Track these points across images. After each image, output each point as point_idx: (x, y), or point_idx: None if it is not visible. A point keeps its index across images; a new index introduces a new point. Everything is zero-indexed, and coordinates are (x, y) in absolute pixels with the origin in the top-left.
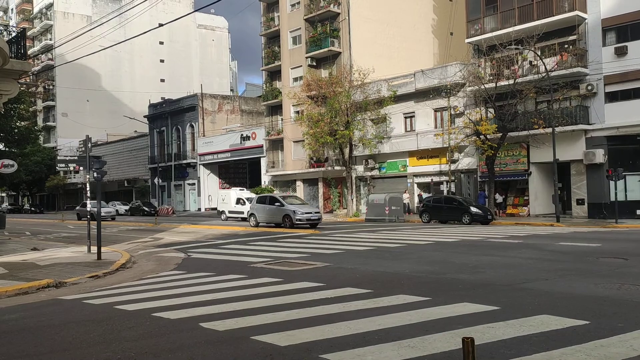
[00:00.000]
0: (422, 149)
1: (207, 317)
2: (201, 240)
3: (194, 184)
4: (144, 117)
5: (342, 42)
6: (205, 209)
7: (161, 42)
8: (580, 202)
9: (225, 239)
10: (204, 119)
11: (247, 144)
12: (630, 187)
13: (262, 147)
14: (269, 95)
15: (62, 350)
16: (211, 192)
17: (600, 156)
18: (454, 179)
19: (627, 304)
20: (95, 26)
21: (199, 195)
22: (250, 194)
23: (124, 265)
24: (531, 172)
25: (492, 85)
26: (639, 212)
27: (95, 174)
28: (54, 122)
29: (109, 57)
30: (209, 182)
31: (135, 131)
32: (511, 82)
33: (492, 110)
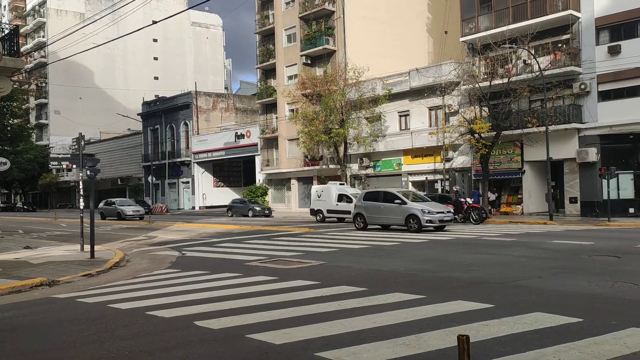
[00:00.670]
0: (416, 148)
1: (201, 316)
2: (195, 238)
3: (188, 182)
4: (138, 114)
5: (337, 40)
6: (199, 208)
7: (155, 40)
8: (573, 200)
9: (219, 237)
10: (198, 117)
11: (242, 142)
12: (622, 186)
13: (256, 145)
14: (263, 93)
15: (56, 348)
16: (205, 191)
17: (593, 155)
18: (448, 177)
19: (620, 302)
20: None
21: (193, 193)
22: (354, 189)
23: (117, 263)
24: (525, 171)
25: (487, 84)
26: (631, 210)
27: (88, 172)
28: (46, 119)
29: (102, 55)
30: (203, 180)
31: (128, 129)
32: (505, 80)
33: (486, 108)
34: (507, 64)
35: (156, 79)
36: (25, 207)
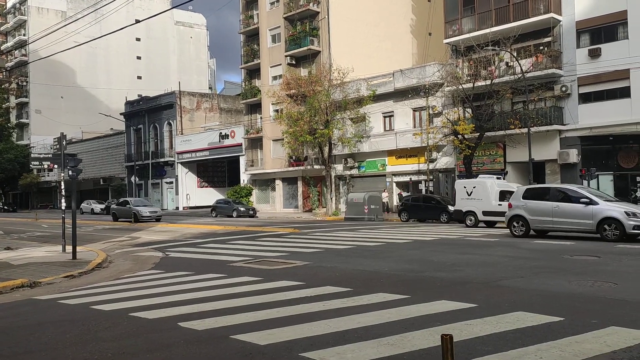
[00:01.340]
0: (401, 148)
1: (185, 317)
2: (179, 239)
3: (171, 183)
4: (121, 114)
5: (321, 41)
6: (183, 208)
7: (138, 39)
8: None
9: (203, 237)
10: (182, 116)
11: (226, 142)
12: (602, 187)
13: (241, 145)
14: (248, 93)
15: (38, 350)
16: (189, 191)
17: (574, 156)
18: (432, 178)
19: (600, 301)
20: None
21: (177, 194)
22: (515, 184)
23: (100, 264)
24: (507, 172)
25: (470, 85)
26: None
27: (70, 172)
28: (27, 119)
29: (84, 54)
30: (187, 180)
31: (111, 129)
32: (488, 82)
33: (469, 110)
34: (489, 66)
35: (139, 78)
36: (5, 207)
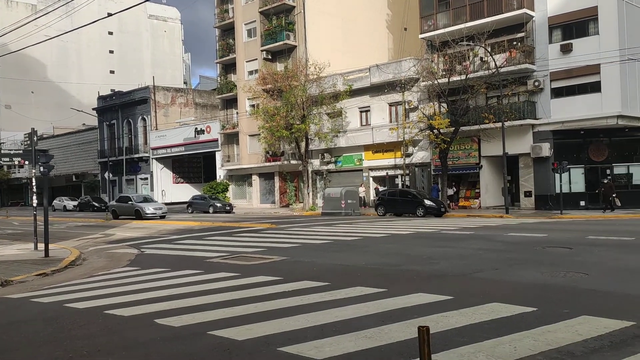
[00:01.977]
0: (377, 143)
1: (162, 314)
2: (155, 235)
3: (146, 179)
4: (93, 109)
5: (297, 35)
6: None
7: (110, 33)
8: (527, 194)
9: (180, 234)
10: (156, 112)
11: (202, 137)
12: (574, 180)
13: (217, 140)
14: (223, 88)
15: (11, 349)
16: (165, 187)
17: (546, 150)
18: (408, 172)
19: (572, 291)
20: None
21: (152, 190)
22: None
23: (73, 262)
24: (482, 166)
25: (445, 80)
26: (582, 203)
27: (41, 169)
28: None
29: (55, 47)
30: (162, 176)
31: (83, 124)
32: (463, 77)
33: (445, 105)
34: (464, 61)
35: (112, 72)
36: None
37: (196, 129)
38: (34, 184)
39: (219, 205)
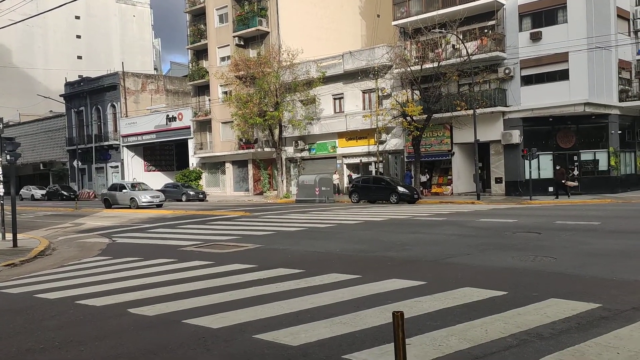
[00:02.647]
0: (351, 130)
1: (135, 303)
2: (126, 224)
3: (117, 167)
4: (60, 96)
5: (270, 21)
6: None
7: (77, 17)
8: (498, 180)
9: (152, 222)
10: (126, 98)
11: (174, 125)
12: (543, 166)
13: (189, 128)
14: (195, 75)
15: None
16: (136, 175)
17: (516, 137)
18: (382, 159)
19: (540, 275)
20: None
21: (122, 178)
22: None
23: (42, 252)
24: (454, 153)
25: (418, 67)
26: (550, 189)
27: (8, 157)
28: None
29: (19, 32)
30: (133, 164)
31: (50, 111)
32: (435, 65)
33: (417, 92)
34: (437, 48)
35: (79, 58)
36: None
37: (168, 116)
38: (1, 172)
39: (192, 193)
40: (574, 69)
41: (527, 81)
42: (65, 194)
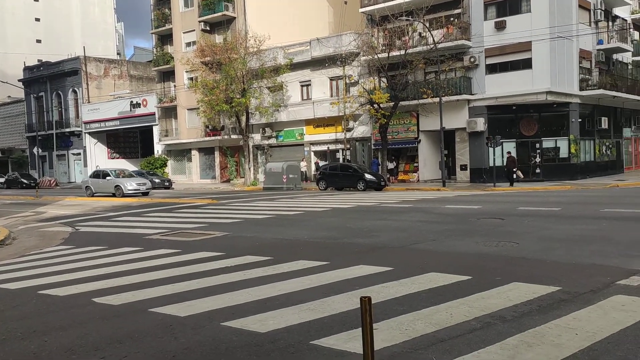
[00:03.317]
0: (318, 118)
1: (100, 292)
2: (90, 213)
3: (79, 154)
4: (19, 80)
5: (236, 6)
6: None
7: None
8: (463, 167)
9: (116, 211)
10: (88, 84)
11: (138, 111)
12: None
13: (154, 114)
14: (160, 60)
15: None
16: (99, 163)
17: (481, 124)
18: (349, 147)
19: (504, 260)
20: None
21: (85, 165)
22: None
23: (2, 242)
24: (420, 140)
25: (385, 55)
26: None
27: None
28: None
29: None
30: (96, 151)
31: (8, 96)
32: (402, 52)
33: (384, 79)
34: (404, 36)
35: (39, 42)
36: None
37: (132, 102)
38: None
39: (157, 181)
40: (536, 58)
41: (492, 70)
42: (25, 182)
